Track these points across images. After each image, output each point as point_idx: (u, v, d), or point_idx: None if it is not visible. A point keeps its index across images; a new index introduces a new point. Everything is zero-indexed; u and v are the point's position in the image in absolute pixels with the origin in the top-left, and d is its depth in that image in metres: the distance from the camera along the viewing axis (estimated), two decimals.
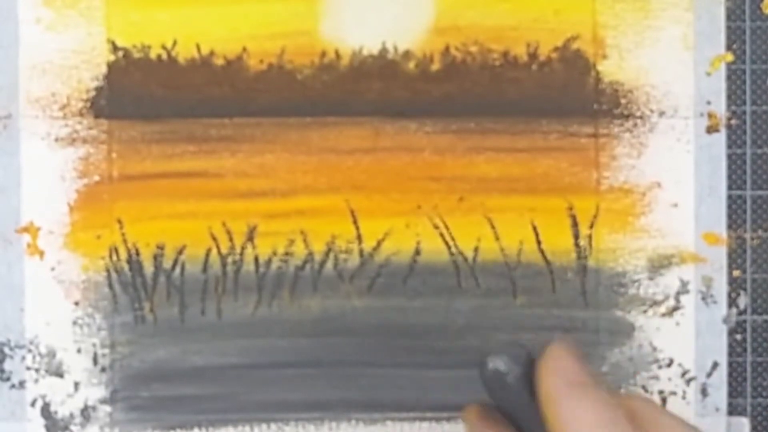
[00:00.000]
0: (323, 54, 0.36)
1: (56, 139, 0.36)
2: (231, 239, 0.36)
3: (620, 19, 0.36)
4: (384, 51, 0.36)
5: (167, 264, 0.36)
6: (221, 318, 0.36)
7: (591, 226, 0.36)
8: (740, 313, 0.36)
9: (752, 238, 0.36)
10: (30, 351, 0.36)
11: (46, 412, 0.36)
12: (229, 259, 0.36)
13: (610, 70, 0.36)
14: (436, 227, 0.36)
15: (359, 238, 0.36)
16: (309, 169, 0.36)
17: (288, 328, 0.36)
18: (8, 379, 0.36)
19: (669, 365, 0.36)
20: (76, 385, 0.36)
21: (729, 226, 0.36)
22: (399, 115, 0.36)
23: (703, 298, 0.36)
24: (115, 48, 0.36)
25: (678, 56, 0.36)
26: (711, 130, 0.36)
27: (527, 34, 0.36)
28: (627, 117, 0.36)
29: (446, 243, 0.36)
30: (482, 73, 0.36)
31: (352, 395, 0.36)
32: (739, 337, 0.36)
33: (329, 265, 0.36)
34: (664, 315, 0.36)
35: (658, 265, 0.36)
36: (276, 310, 0.36)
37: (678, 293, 0.36)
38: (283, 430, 0.36)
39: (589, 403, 0.27)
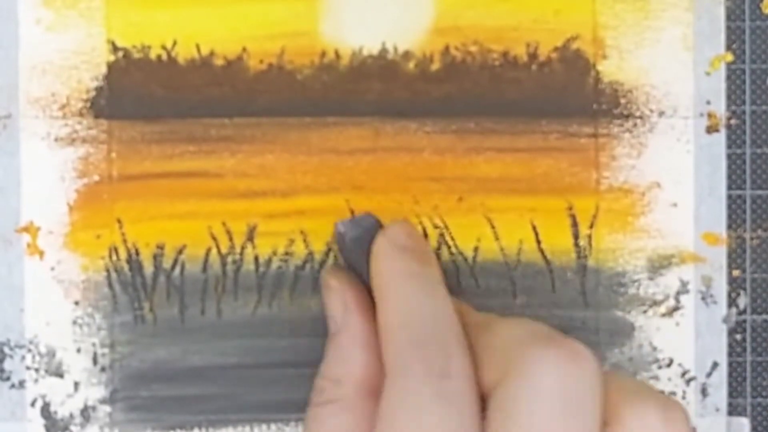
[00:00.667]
0: (323, 54, 0.36)
1: (56, 139, 0.36)
2: (231, 239, 0.36)
3: (620, 19, 0.36)
4: (384, 51, 0.36)
5: (167, 264, 0.36)
6: (221, 318, 0.36)
7: (591, 226, 0.36)
8: (740, 313, 0.36)
9: (752, 238, 0.36)
10: (30, 351, 0.36)
11: (45, 412, 0.36)
12: (229, 259, 0.36)
13: (610, 70, 0.36)
14: (436, 227, 0.36)
15: None
16: (309, 169, 0.36)
17: (288, 328, 0.36)
18: (8, 378, 0.36)
19: (669, 365, 0.36)
20: (76, 384, 0.36)
21: (729, 226, 0.36)
22: (399, 115, 0.36)
23: (703, 298, 0.36)
24: (115, 48, 0.36)
25: (678, 56, 0.36)
26: (711, 130, 0.36)
27: (527, 34, 0.36)
28: (627, 117, 0.36)
29: (446, 243, 0.36)
30: (482, 73, 0.36)
31: None
32: (738, 336, 0.36)
33: (329, 264, 0.36)
34: (664, 315, 0.36)
35: (658, 265, 0.36)
36: (276, 309, 0.36)
37: (678, 293, 0.36)
38: (283, 431, 0.36)
39: (403, 260, 0.31)
